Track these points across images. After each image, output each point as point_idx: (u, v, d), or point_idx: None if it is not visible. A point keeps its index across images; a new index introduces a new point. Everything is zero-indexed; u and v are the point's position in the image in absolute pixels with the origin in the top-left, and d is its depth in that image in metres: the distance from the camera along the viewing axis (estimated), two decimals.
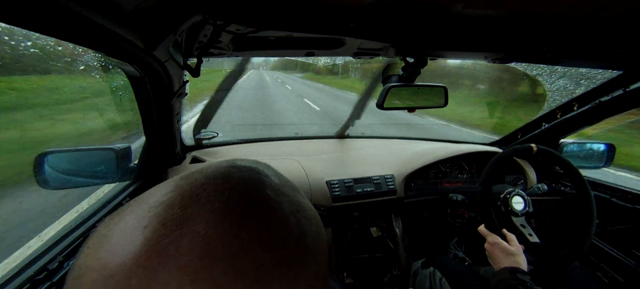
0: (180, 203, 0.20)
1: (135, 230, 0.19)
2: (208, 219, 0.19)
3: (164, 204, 0.20)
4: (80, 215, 0.86)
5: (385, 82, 0.98)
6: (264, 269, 0.19)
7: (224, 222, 0.20)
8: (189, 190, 0.21)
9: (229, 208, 0.21)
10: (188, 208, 0.20)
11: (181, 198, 0.21)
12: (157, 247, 0.18)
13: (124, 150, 1.00)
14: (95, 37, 0.49)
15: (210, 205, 0.20)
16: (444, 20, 0.67)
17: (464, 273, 1.06)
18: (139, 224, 0.19)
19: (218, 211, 0.20)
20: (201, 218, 0.19)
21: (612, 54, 0.87)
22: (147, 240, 0.18)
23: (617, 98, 1.09)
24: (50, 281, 0.64)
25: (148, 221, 0.19)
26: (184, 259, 0.18)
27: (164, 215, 0.20)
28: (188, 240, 0.18)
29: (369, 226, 1.49)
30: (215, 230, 0.19)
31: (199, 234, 0.19)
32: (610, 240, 1.25)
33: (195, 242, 0.18)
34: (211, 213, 0.20)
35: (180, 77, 0.88)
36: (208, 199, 0.21)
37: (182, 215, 0.19)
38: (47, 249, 0.71)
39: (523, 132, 1.57)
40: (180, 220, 0.19)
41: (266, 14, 0.62)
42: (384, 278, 1.49)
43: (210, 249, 0.18)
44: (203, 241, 0.18)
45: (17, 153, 3.10)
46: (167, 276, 0.17)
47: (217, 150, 1.49)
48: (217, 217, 0.20)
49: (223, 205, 0.21)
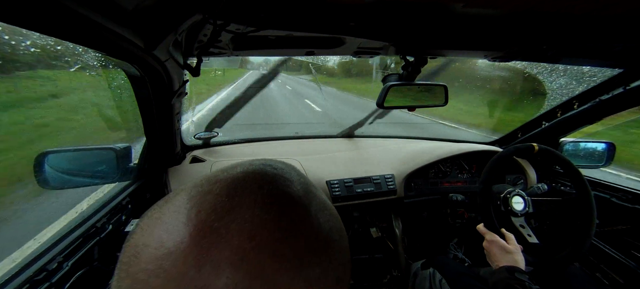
0: (226, 192, 0.23)
1: (190, 213, 0.21)
2: (253, 208, 0.22)
3: (212, 193, 0.23)
4: (80, 215, 0.86)
5: (385, 81, 0.98)
6: (300, 255, 0.21)
7: (266, 211, 0.22)
8: (232, 182, 0.24)
9: (269, 200, 0.23)
10: (234, 197, 0.22)
11: (227, 189, 0.23)
12: (210, 229, 0.20)
13: (124, 149, 1.00)
14: (96, 37, 0.49)
15: (253, 196, 0.23)
16: (444, 18, 0.67)
17: (464, 273, 1.06)
18: (191, 208, 0.22)
19: (260, 202, 0.22)
20: (247, 207, 0.22)
21: (613, 52, 0.87)
22: (201, 222, 0.20)
23: (618, 96, 1.09)
24: (49, 282, 0.64)
25: (200, 206, 0.22)
26: (235, 241, 0.20)
27: (214, 202, 0.22)
28: (237, 224, 0.20)
29: (369, 227, 1.49)
30: (260, 217, 0.21)
31: (246, 220, 0.21)
32: (610, 240, 1.25)
33: (243, 227, 0.20)
34: (255, 203, 0.22)
35: (181, 76, 0.88)
36: (251, 191, 0.23)
37: (230, 203, 0.22)
38: (46, 249, 0.70)
39: (523, 131, 1.57)
40: (229, 207, 0.21)
41: (266, 14, 0.62)
42: (384, 279, 1.49)
43: (257, 233, 0.20)
44: (250, 227, 0.21)
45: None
46: (219, 254, 0.19)
47: (217, 150, 1.49)
48: (260, 207, 0.22)
49: (264, 197, 0.23)
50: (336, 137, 1.78)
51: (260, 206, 0.22)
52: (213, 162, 1.33)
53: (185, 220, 0.21)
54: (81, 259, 0.74)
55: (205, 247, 0.19)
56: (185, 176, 1.21)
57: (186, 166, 1.28)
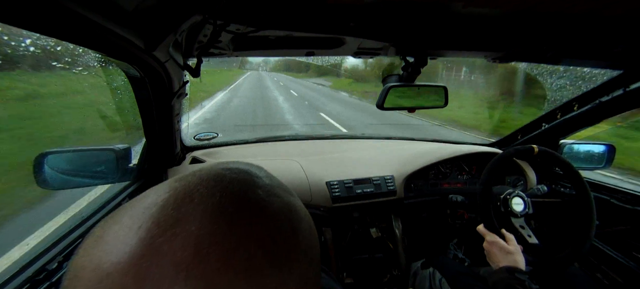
0: (173, 203, 0.21)
1: (130, 230, 0.20)
2: (201, 218, 0.20)
3: (158, 205, 0.21)
4: (80, 215, 0.86)
5: (385, 81, 0.98)
6: (255, 265, 0.20)
7: (216, 221, 0.20)
8: (183, 191, 0.22)
9: (221, 207, 0.21)
10: (181, 208, 0.21)
11: (175, 199, 0.21)
12: (152, 246, 0.18)
13: (124, 150, 1.00)
14: (96, 37, 0.49)
15: (203, 206, 0.21)
16: (444, 19, 0.67)
17: (464, 273, 1.06)
18: (133, 224, 0.20)
19: (210, 211, 0.21)
20: (194, 218, 0.20)
21: (612, 54, 0.87)
22: (142, 240, 0.19)
23: (617, 98, 1.09)
24: (49, 282, 0.64)
25: (142, 221, 0.20)
26: (178, 257, 0.18)
27: (158, 216, 0.20)
28: (181, 238, 0.19)
29: (369, 227, 1.49)
30: (207, 228, 0.20)
31: (192, 233, 0.19)
32: (610, 241, 1.25)
33: (188, 240, 0.19)
34: (204, 213, 0.21)
35: (181, 77, 0.88)
36: (201, 200, 0.21)
37: (176, 215, 0.20)
38: (46, 249, 0.70)
39: (523, 133, 1.57)
40: (174, 220, 0.20)
41: (266, 14, 0.62)
42: (384, 279, 1.48)
43: (203, 246, 0.19)
44: (196, 240, 0.19)
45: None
46: (161, 272, 0.18)
47: (217, 151, 1.49)
48: (209, 216, 0.20)
49: (215, 205, 0.21)
50: (336, 137, 1.78)
51: (209, 215, 0.21)
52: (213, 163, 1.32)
53: (124, 239, 0.19)
54: None
55: (145, 266, 0.18)
56: None
57: (186, 167, 1.28)
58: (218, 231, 0.20)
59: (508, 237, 0.94)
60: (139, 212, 0.21)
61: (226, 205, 0.22)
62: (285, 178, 1.31)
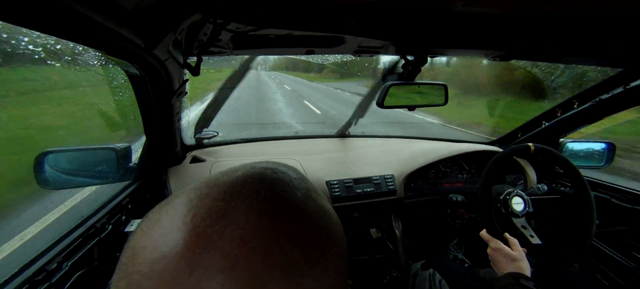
0: (223, 197, 0.23)
1: (185, 217, 0.21)
2: (247, 213, 0.22)
3: (210, 197, 0.23)
4: (80, 215, 0.86)
5: (385, 80, 0.98)
6: (293, 262, 0.21)
7: (261, 217, 0.22)
8: (231, 186, 0.24)
9: (265, 205, 0.23)
10: (230, 202, 0.22)
11: (224, 193, 0.23)
12: (204, 234, 0.20)
13: (124, 149, 1.00)
14: (96, 36, 0.49)
15: (249, 201, 0.23)
16: (444, 18, 0.67)
17: (464, 274, 1.05)
18: (188, 211, 0.22)
19: (256, 208, 0.22)
20: (241, 212, 0.22)
21: (613, 52, 0.87)
22: (195, 227, 0.20)
23: (618, 95, 1.09)
24: (48, 282, 0.64)
25: (196, 210, 0.22)
26: (226, 247, 0.20)
27: (210, 206, 0.22)
28: (230, 230, 0.20)
29: (369, 227, 1.49)
30: (253, 223, 0.21)
31: (239, 226, 0.21)
32: (610, 241, 1.25)
33: (236, 233, 0.20)
34: (250, 208, 0.22)
35: (180, 75, 0.88)
36: (248, 195, 0.23)
37: (225, 208, 0.22)
38: (45, 250, 0.70)
39: (523, 131, 1.57)
40: (224, 212, 0.21)
41: (266, 13, 0.62)
42: (384, 280, 1.48)
43: (249, 240, 0.20)
44: (242, 233, 0.20)
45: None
46: (210, 260, 0.19)
47: (217, 150, 1.49)
48: (255, 212, 0.22)
49: (260, 202, 0.23)
50: (336, 137, 1.78)
51: (255, 211, 0.22)
52: (213, 162, 1.33)
53: (180, 224, 0.21)
54: (81, 260, 0.74)
55: (197, 252, 0.19)
56: (185, 176, 1.21)
57: (186, 166, 1.28)
58: (262, 227, 0.21)
59: (512, 242, 0.93)
60: (192, 200, 0.23)
61: (269, 203, 0.23)
62: None
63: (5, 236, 2.01)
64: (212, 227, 0.20)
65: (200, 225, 0.21)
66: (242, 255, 0.20)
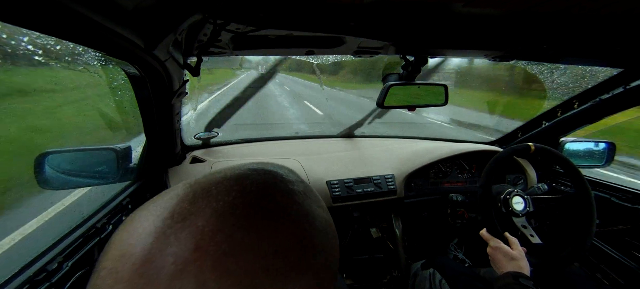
0: (191, 197, 0.22)
1: (151, 217, 0.21)
2: (209, 215, 0.21)
3: (180, 197, 0.22)
4: (80, 215, 0.86)
5: (385, 80, 0.98)
6: (251, 274, 0.19)
7: (223, 221, 0.20)
8: (203, 187, 0.23)
9: (231, 208, 0.21)
10: (196, 203, 0.21)
11: (194, 193, 0.22)
12: (162, 235, 0.20)
13: (124, 150, 1.00)
14: (95, 36, 0.49)
15: (215, 203, 0.21)
16: (444, 18, 0.67)
17: (464, 274, 1.06)
18: (155, 212, 0.21)
19: (220, 210, 0.21)
20: (203, 214, 0.21)
21: (613, 52, 0.87)
22: (157, 228, 0.20)
23: (618, 96, 1.09)
24: (49, 282, 0.64)
25: (162, 210, 0.21)
26: (180, 249, 0.19)
27: (175, 207, 0.21)
28: (187, 232, 0.20)
29: (369, 227, 1.49)
30: (212, 226, 0.20)
31: (198, 228, 0.20)
32: (610, 240, 1.25)
33: (193, 236, 0.19)
34: (213, 211, 0.21)
35: (181, 76, 0.88)
36: (216, 197, 0.22)
37: (190, 209, 0.21)
38: (46, 250, 0.70)
39: (523, 131, 1.57)
40: (186, 213, 0.21)
41: (266, 13, 0.62)
42: (384, 279, 1.49)
43: (203, 244, 0.19)
44: (199, 236, 0.19)
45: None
46: (162, 261, 0.19)
47: (217, 150, 1.49)
48: (217, 215, 0.21)
49: (226, 205, 0.21)
50: (336, 136, 1.78)
51: (219, 213, 0.21)
52: (213, 162, 1.33)
53: (146, 225, 0.21)
54: (81, 260, 0.74)
55: (153, 253, 0.19)
56: (185, 177, 1.21)
57: (186, 166, 1.28)
58: (221, 231, 0.20)
59: (512, 241, 0.94)
60: (164, 201, 0.22)
61: (238, 206, 0.22)
62: None
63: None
64: (171, 228, 0.20)
65: (161, 225, 0.20)
66: (193, 260, 0.18)
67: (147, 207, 0.23)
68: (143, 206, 0.23)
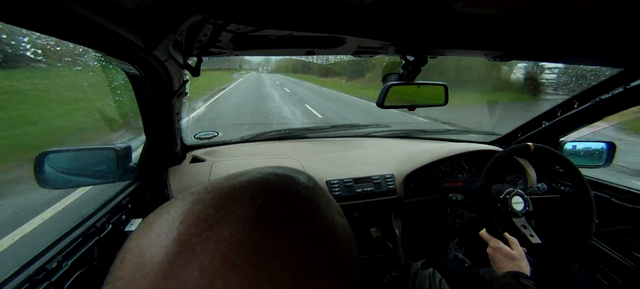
0: (216, 203, 0.21)
1: (173, 223, 0.20)
2: (236, 224, 0.20)
3: (203, 202, 0.21)
4: (80, 215, 0.86)
5: (385, 80, 0.98)
6: (279, 287, 0.18)
7: (250, 230, 0.20)
8: (227, 192, 0.22)
9: (258, 216, 0.21)
10: (221, 209, 0.20)
11: (218, 199, 0.21)
12: (187, 244, 0.18)
13: (124, 149, 1.00)
14: (96, 37, 0.49)
15: (242, 210, 0.20)
16: (444, 18, 0.67)
17: (464, 274, 1.06)
18: (177, 217, 0.20)
19: (247, 218, 0.20)
20: (230, 223, 0.20)
21: (613, 52, 0.87)
22: (180, 235, 0.19)
23: (618, 95, 1.09)
24: (48, 281, 0.64)
25: (185, 216, 0.20)
26: (207, 261, 0.18)
27: (199, 213, 0.20)
28: (214, 242, 0.19)
29: (369, 227, 1.49)
30: (240, 236, 0.19)
31: (225, 238, 0.19)
32: (610, 240, 1.25)
33: (220, 246, 0.18)
34: (240, 219, 0.20)
35: (181, 76, 0.88)
36: (242, 204, 0.21)
37: (215, 216, 0.20)
38: (45, 249, 0.70)
39: (523, 131, 1.57)
40: (212, 221, 0.20)
41: (266, 13, 0.62)
42: (384, 279, 1.48)
43: (232, 255, 0.18)
44: (227, 246, 0.18)
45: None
46: (188, 275, 0.17)
47: (217, 150, 1.49)
48: (245, 224, 0.20)
49: (253, 213, 0.21)
50: (336, 136, 1.78)
51: (245, 223, 0.20)
52: (213, 162, 1.33)
53: (167, 231, 0.19)
54: (81, 259, 0.74)
55: (177, 264, 0.18)
56: (185, 176, 1.21)
57: (186, 166, 1.28)
58: (250, 241, 0.19)
59: (511, 241, 0.94)
60: (186, 205, 0.21)
61: (265, 214, 0.21)
62: None
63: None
64: (197, 237, 0.19)
65: (185, 233, 0.19)
66: (221, 273, 0.17)
67: (167, 210, 0.21)
68: (162, 209, 0.22)
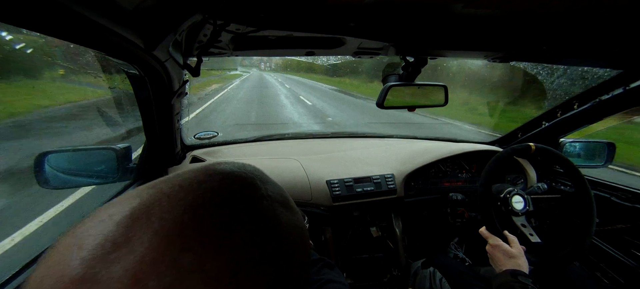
0: (129, 218, 0.18)
1: (78, 248, 0.17)
2: (149, 241, 0.17)
3: (113, 219, 0.18)
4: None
5: (385, 81, 0.98)
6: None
7: (166, 245, 0.17)
8: (147, 203, 0.19)
9: (177, 227, 0.18)
10: (134, 225, 0.18)
11: (132, 213, 0.18)
12: (90, 272, 0.16)
13: (124, 149, 1.00)
14: (96, 37, 0.49)
15: (158, 223, 0.18)
16: (443, 19, 0.67)
17: (464, 273, 1.06)
18: (82, 241, 0.17)
19: (163, 232, 0.17)
20: (142, 240, 0.17)
21: (612, 53, 0.87)
22: (82, 261, 0.16)
23: (618, 96, 1.09)
24: None
25: (91, 237, 0.17)
26: (113, 287, 0.15)
27: (106, 234, 0.17)
28: (122, 265, 0.16)
29: (369, 226, 1.49)
30: (153, 254, 0.17)
31: (135, 258, 0.16)
32: (610, 239, 1.25)
33: (129, 269, 0.16)
34: (155, 234, 0.17)
35: (180, 76, 0.88)
36: (160, 215, 0.18)
37: (126, 234, 0.17)
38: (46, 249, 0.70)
39: (523, 131, 1.57)
40: (121, 240, 0.17)
41: (266, 14, 0.62)
42: (384, 278, 1.49)
43: (142, 278, 0.16)
44: (136, 268, 0.16)
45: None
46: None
47: (217, 150, 1.49)
48: (159, 239, 0.17)
49: (170, 224, 0.18)
50: (336, 136, 1.78)
51: (160, 237, 0.17)
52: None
53: (70, 256, 0.17)
54: None
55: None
56: None
57: (186, 166, 1.28)
58: (164, 259, 0.17)
59: (511, 239, 0.94)
60: (94, 225, 0.18)
61: (186, 223, 0.18)
62: (285, 177, 1.32)
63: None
64: (102, 261, 0.16)
65: (88, 257, 0.16)
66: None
67: (72, 233, 0.18)
68: (67, 232, 0.19)
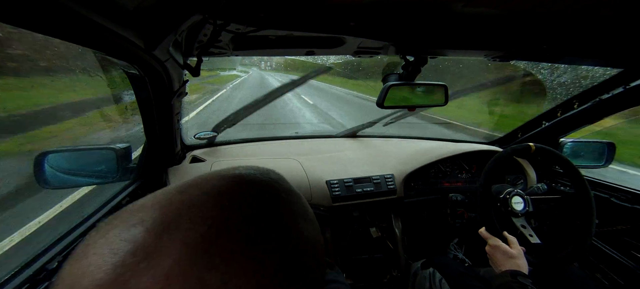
0: (159, 226, 0.18)
1: (110, 252, 0.17)
2: (178, 252, 0.17)
3: (145, 225, 0.18)
4: (81, 214, 0.86)
5: (385, 80, 0.98)
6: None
7: (194, 259, 0.17)
8: (176, 209, 0.19)
9: (205, 241, 0.18)
10: (164, 234, 0.18)
11: (162, 220, 0.18)
12: (121, 280, 0.16)
13: (124, 149, 1.00)
14: (96, 37, 0.49)
15: (188, 234, 0.18)
16: (444, 18, 0.67)
17: (464, 274, 1.06)
18: (113, 246, 0.17)
19: (192, 244, 0.17)
20: (170, 251, 0.17)
21: (612, 52, 0.87)
22: (114, 267, 0.16)
23: (618, 96, 1.09)
24: (49, 281, 0.64)
25: (119, 244, 0.17)
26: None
27: (136, 241, 0.17)
28: (151, 275, 0.16)
29: (369, 227, 1.49)
30: (180, 267, 0.17)
31: (163, 271, 0.16)
32: (610, 240, 1.25)
33: (156, 281, 0.16)
34: (183, 246, 0.17)
35: (181, 76, 0.88)
36: (189, 226, 0.18)
37: (155, 244, 0.17)
38: (46, 249, 0.70)
39: (523, 131, 1.57)
40: (151, 249, 0.17)
41: (266, 13, 0.62)
42: (384, 279, 1.49)
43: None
44: (163, 282, 0.16)
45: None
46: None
47: (217, 149, 1.49)
48: (188, 251, 0.17)
49: (199, 237, 0.18)
50: (336, 136, 1.78)
51: (189, 249, 0.17)
52: (213, 162, 1.33)
53: (102, 260, 0.17)
54: None
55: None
56: (185, 176, 1.21)
57: (186, 166, 1.28)
58: (191, 273, 0.17)
59: (510, 240, 0.94)
60: (127, 227, 0.18)
61: (213, 238, 0.18)
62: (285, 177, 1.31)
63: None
64: (132, 270, 0.16)
65: (119, 264, 0.16)
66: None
67: (105, 233, 0.18)
68: (102, 228, 0.19)
